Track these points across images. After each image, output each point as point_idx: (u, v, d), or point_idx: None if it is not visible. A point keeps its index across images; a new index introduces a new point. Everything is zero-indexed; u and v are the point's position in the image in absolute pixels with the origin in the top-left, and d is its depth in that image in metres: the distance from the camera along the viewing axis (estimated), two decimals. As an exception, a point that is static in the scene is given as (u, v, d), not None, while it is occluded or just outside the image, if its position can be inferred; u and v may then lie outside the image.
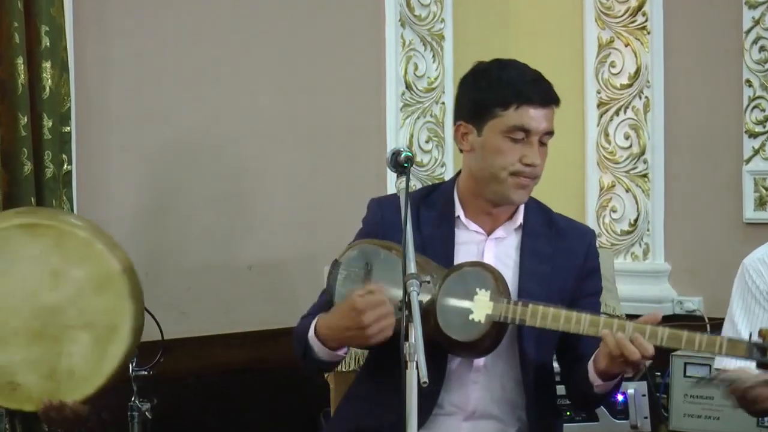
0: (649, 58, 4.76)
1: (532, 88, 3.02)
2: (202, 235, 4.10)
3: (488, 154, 2.98)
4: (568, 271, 3.06)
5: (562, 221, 3.16)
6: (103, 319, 2.99)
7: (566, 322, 2.85)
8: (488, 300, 2.87)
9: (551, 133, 3.04)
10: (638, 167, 4.80)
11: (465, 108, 3.06)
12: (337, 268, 2.95)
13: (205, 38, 4.13)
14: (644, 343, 2.78)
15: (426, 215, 3.06)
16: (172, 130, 4.05)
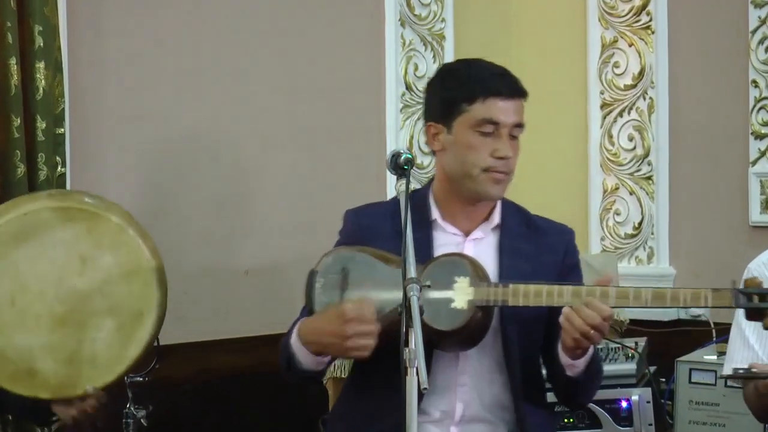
0: (653, 59, 4.75)
1: (497, 81, 3.06)
2: (199, 238, 4.10)
3: (459, 151, 3.01)
4: (549, 268, 3.07)
5: (540, 221, 3.19)
6: (129, 306, 3.00)
7: (549, 296, 2.88)
8: (468, 286, 2.90)
9: (521, 125, 3.08)
10: (642, 169, 4.80)
11: (434, 108, 3.10)
12: (314, 277, 2.99)
13: (203, 38, 4.13)
14: (599, 305, 2.81)
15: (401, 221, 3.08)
16: (168, 132, 4.04)
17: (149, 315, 3.01)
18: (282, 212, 4.29)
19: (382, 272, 2.95)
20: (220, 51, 4.15)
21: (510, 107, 3.04)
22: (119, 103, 3.93)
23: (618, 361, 4.11)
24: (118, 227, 3.02)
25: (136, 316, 3.00)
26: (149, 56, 4.00)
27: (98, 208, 3.04)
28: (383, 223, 3.07)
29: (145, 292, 3.01)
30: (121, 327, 2.99)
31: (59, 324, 2.96)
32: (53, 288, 2.97)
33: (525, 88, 3.10)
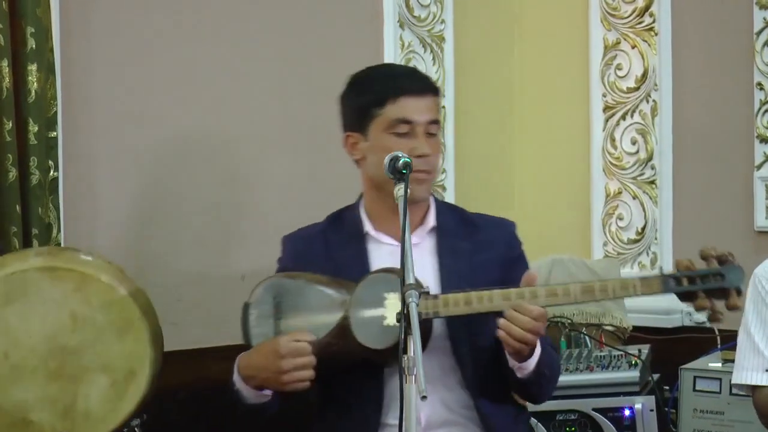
0: (656, 61, 4.75)
1: (405, 80, 3.10)
2: (193, 244, 4.09)
3: (378, 156, 3.03)
4: (491, 263, 3.10)
5: (476, 217, 3.23)
6: (122, 364, 3.08)
7: (479, 302, 2.91)
8: (398, 301, 2.89)
9: (436, 122, 3.11)
10: (645, 173, 4.79)
11: (348, 118, 3.16)
12: (247, 309, 3.06)
13: (199, 39, 4.12)
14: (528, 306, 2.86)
15: (334, 239, 3.15)
16: (163, 135, 4.04)
17: (142, 373, 3.09)
18: (280, 216, 4.27)
19: (314, 296, 3.00)
20: (215, 52, 4.14)
21: (422, 105, 3.07)
22: (113, 105, 3.92)
23: (621, 369, 4.10)
24: (108, 287, 3.08)
25: (128, 375, 3.08)
26: (144, 58, 4.00)
27: (87, 267, 3.10)
28: (315, 246, 3.14)
29: (137, 351, 3.09)
30: (115, 383, 3.07)
31: (54, 378, 3.03)
32: (45, 344, 3.04)
33: (436, 85, 3.15)
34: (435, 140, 3.10)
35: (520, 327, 2.84)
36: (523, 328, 2.84)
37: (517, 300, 2.89)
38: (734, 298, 2.94)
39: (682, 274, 2.93)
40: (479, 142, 4.94)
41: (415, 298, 2.58)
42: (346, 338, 2.95)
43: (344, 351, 2.96)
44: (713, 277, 2.93)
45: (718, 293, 2.95)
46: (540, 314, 2.86)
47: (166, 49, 4.05)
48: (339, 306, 2.97)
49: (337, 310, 2.97)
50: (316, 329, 2.95)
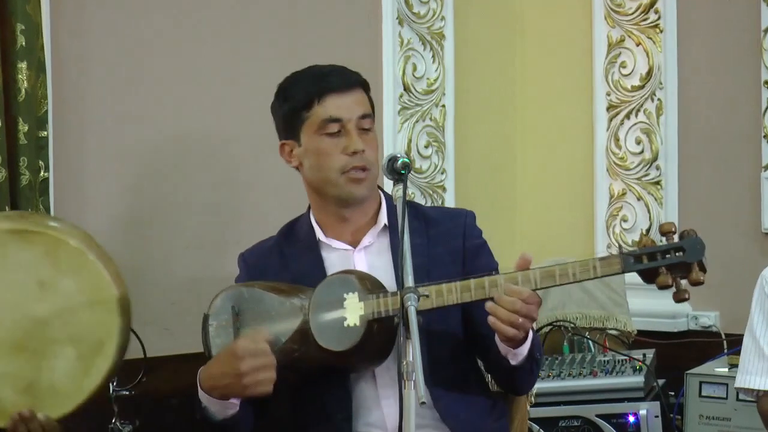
0: (661, 58, 4.75)
1: (327, 78, 3.12)
2: (188, 247, 4.09)
3: (313, 160, 3.09)
4: (448, 256, 3.11)
5: (432, 211, 3.24)
6: (89, 334, 2.98)
7: (438, 297, 2.91)
8: (358, 301, 2.93)
9: (368, 116, 3.12)
10: (650, 174, 4.79)
11: (279, 127, 3.21)
12: (206, 321, 3.09)
13: (194, 37, 4.12)
14: (516, 288, 2.84)
15: (290, 252, 3.17)
16: (157, 135, 4.04)
17: (110, 344, 2.99)
18: (276, 219, 4.25)
19: (272, 303, 3.02)
20: (211, 51, 4.14)
21: (348, 100, 3.09)
22: (105, 105, 3.92)
23: (625, 374, 4.11)
24: (78, 251, 2.99)
25: (96, 345, 2.98)
26: (137, 56, 3.99)
27: (57, 231, 3.01)
28: (270, 260, 3.16)
29: (106, 320, 2.98)
30: (81, 357, 2.97)
31: (17, 351, 2.94)
32: (10, 314, 2.94)
33: (363, 79, 3.16)
34: (369, 135, 3.10)
35: (508, 308, 2.83)
36: (513, 310, 2.83)
37: (478, 289, 2.89)
38: (696, 272, 2.90)
39: (641, 251, 2.89)
40: (480, 141, 4.94)
41: (413, 301, 2.58)
42: (307, 343, 2.96)
43: (307, 356, 2.97)
44: (674, 251, 2.89)
45: (680, 269, 2.91)
46: (530, 296, 2.84)
47: (161, 48, 4.04)
48: (298, 311, 2.99)
49: (297, 315, 2.98)
50: (277, 336, 2.96)
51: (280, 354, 2.92)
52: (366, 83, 3.18)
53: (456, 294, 2.91)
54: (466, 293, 2.91)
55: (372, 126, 3.13)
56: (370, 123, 3.12)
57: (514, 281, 2.88)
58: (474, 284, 2.91)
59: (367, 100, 3.15)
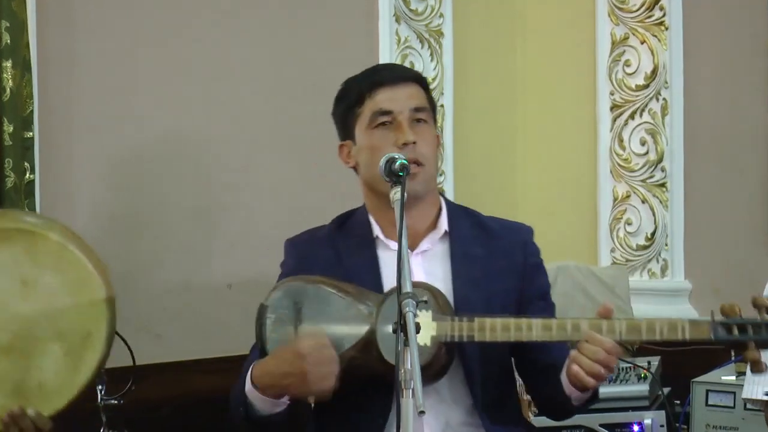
0: (667, 57, 4.76)
1: (377, 74, 3.13)
2: (178, 251, 4.09)
3: (366, 156, 3.08)
4: (507, 271, 3.09)
5: (492, 222, 3.21)
6: (76, 328, 3.00)
7: (517, 331, 2.89)
8: (431, 320, 2.90)
9: (422, 109, 3.10)
10: (655, 176, 4.80)
11: (339, 128, 3.20)
12: (264, 312, 3.02)
13: (183, 35, 4.12)
14: (599, 338, 2.83)
15: (344, 245, 3.14)
16: (146, 136, 4.03)
17: (97, 336, 3.01)
18: (269, 222, 4.28)
19: (338, 306, 2.98)
20: (201, 49, 4.14)
21: (400, 93, 3.08)
22: (93, 105, 3.92)
23: (629, 382, 4.11)
24: (58, 245, 3.02)
25: (84, 338, 3.00)
26: (126, 55, 3.99)
27: (35, 227, 3.04)
28: (322, 251, 3.13)
29: (92, 312, 3.01)
30: (69, 352, 3.00)
31: (4, 354, 2.97)
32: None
33: (418, 74, 3.19)
34: (424, 128, 3.08)
35: (591, 358, 2.83)
36: (594, 360, 2.82)
37: (559, 330, 2.88)
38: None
39: (732, 321, 2.88)
40: (480, 142, 4.95)
41: (412, 307, 2.57)
42: (369, 353, 2.93)
43: (365, 366, 2.95)
44: (766, 328, 2.88)
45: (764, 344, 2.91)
46: (612, 347, 2.83)
47: (150, 46, 4.04)
48: (365, 319, 2.95)
49: (364, 322, 2.95)
50: (339, 340, 2.93)
51: (340, 359, 2.90)
52: (422, 78, 3.17)
53: (536, 331, 2.89)
54: (546, 332, 2.89)
55: (429, 120, 3.10)
56: (426, 116, 3.09)
57: (598, 329, 2.86)
58: (556, 325, 2.89)
59: (423, 95, 3.13)
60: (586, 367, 2.84)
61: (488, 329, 2.89)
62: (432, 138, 3.09)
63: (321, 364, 2.86)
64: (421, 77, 3.18)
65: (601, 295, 4.48)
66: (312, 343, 2.87)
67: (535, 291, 3.12)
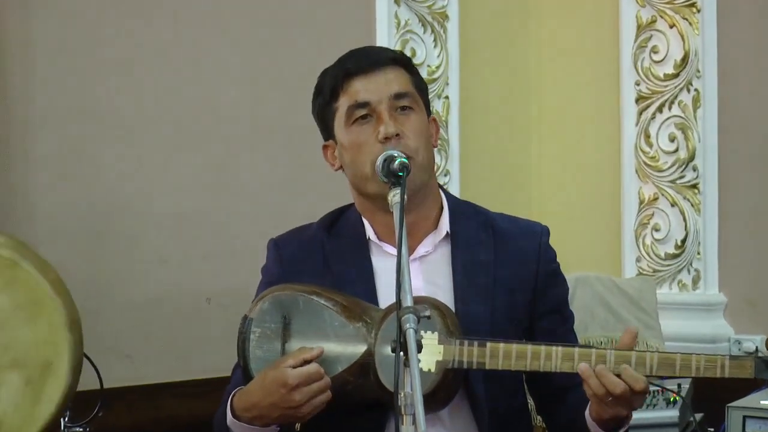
0: (699, 42, 4.77)
1: (347, 63, 3.10)
2: (150, 261, 4.12)
3: (349, 155, 3.07)
4: (517, 281, 3.09)
5: (504, 221, 3.19)
6: (33, 356, 3.02)
7: (534, 360, 2.89)
8: (437, 343, 2.90)
9: (404, 95, 3.07)
10: (686, 176, 4.81)
11: (319, 128, 3.19)
12: (247, 326, 3.01)
13: (154, 21, 4.15)
14: (633, 374, 2.82)
15: (333, 249, 3.13)
16: (112, 134, 4.06)
17: (60, 364, 3.02)
18: (252, 229, 4.29)
19: (332, 322, 2.98)
20: (174, 36, 4.18)
21: (376, 81, 3.06)
22: (55, 100, 3.95)
23: (657, 407, 4.12)
24: (9, 262, 3.02)
25: (44, 367, 3.01)
26: (93, 44, 4.04)
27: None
28: (310, 253, 3.13)
29: (51, 337, 3.02)
30: (29, 382, 3.01)
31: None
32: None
33: (396, 54, 3.15)
34: (410, 116, 3.06)
35: (612, 390, 2.81)
36: (614, 393, 2.81)
37: (583, 360, 2.87)
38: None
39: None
40: (489, 139, 4.97)
41: (413, 323, 2.57)
42: (366, 377, 2.94)
43: (360, 390, 2.96)
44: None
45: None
46: (643, 388, 2.84)
47: (117, 33, 4.08)
48: (362, 339, 2.95)
49: (360, 343, 2.95)
50: (332, 361, 2.94)
51: (335, 383, 2.91)
52: (401, 58, 3.14)
53: (556, 361, 2.89)
54: (567, 363, 2.89)
55: (416, 105, 3.08)
56: (411, 102, 3.07)
57: (626, 360, 2.85)
58: (578, 354, 2.89)
59: (406, 77, 3.11)
60: (608, 405, 2.84)
61: (501, 356, 2.89)
62: (420, 126, 3.06)
63: (312, 395, 2.87)
64: (401, 57, 3.15)
65: (624, 310, 4.50)
66: (300, 371, 2.87)
67: (550, 303, 3.12)
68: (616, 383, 2.81)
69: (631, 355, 2.86)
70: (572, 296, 4.49)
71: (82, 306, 3.68)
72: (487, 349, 2.89)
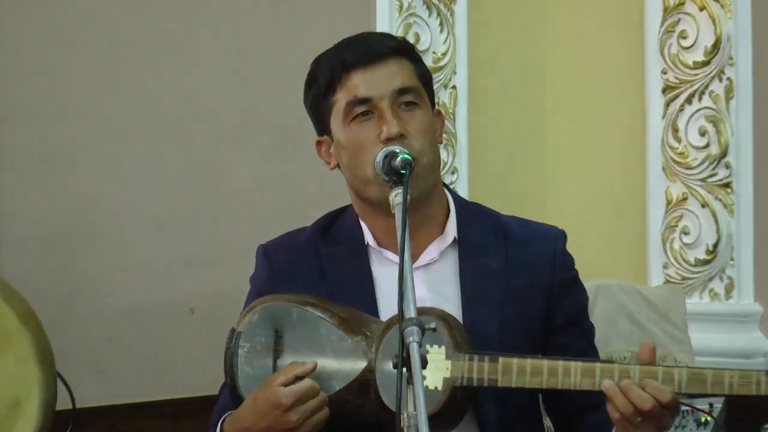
0: (732, 27, 4.78)
1: (345, 54, 3.07)
2: (127, 269, 4.12)
3: (348, 155, 3.05)
4: (530, 291, 3.08)
5: (516, 225, 3.18)
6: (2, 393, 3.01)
7: (551, 377, 2.88)
8: (444, 358, 2.89)
9: (410, 89, 3.06)
10: (718, 174, 4.82)
11: (312, 121, 3.17)
12: (235, 340, 3.00)
13: (132, 8, 4.14)
14: (658, 385, 2.81)
15: (329, 255, 3.12)
16: (85, 129, 4.07)
17: (30, 402, 3.02)
18: (239, 233, 4.30)
19: (329, 335, 2.97)
20: (155, 24, 4.19)
21: (377, 75, 3.05)
22: (25, 95, 3.95)
23: (687, 429, 4.12)
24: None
25: (12, 405, 3.00)
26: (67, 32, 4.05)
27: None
28: (303, 260, 3.13)
29: (19, 373, 3.01)
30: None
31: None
32: None
33: (400, 44, 3.13)
34: (415, 113, 3.05)
35: (640, 407, 2.79)
36: (642, 409, 2.79)
37: (604, 377, 2.85)
38: None
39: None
40: (501, 132, 4.98)
41: (416, 336, 2.57)
42: (366, 396, 2.92)
43: (360, 410, 2.95)
44: None
45: None
46: (671, 401, 2.81)
47: (94, 21, 4.08)
48: (362, 354, 2.94)
49: (360, 359, 2.94)
50: (328, 379, 2.93)
51: (333, 402, 2.90)
52: (405, 47, 3.12)
53: (576, 378, 2.87)
54: (588, 379, 2.87)
55: (421, 100, 3.05)
56: (416, 97, 3.05)
57: (652, 375, 2.83)
58: (600, 370, 2.87)
59: (410, 69, 3.09)
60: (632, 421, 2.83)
61: (515, 373, 2.88)
62: (425, 124, 3.05)
63: (309, 414, 2.87)
64: (404, 45, 3.14)
65: (650, 322, 4.50)
66: (295, 390, 2.86)
67: (567, 315, 3.10)
68: (645, 398, 2.78)
69: (658, 370, 2.84)
70: (592, 307, 4.49)
71: (52, 317, 3.69)
72: (499, 365, 2.87)
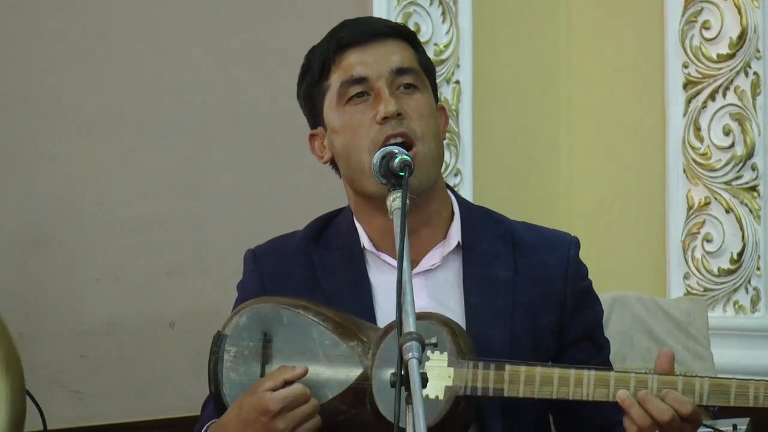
0: (759, 18, 4.78)
1: (341, 34, 3.08)
2: (103, 279, 4.11)
3: (342, 140, 3.04)
4: (541, 302, 3.08)
5: (526, 231, 3.18)
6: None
7: (562, 386, 2.88)
8: (446, 366, 2.90)
9: (410, 70, 3.06)
10: (744, 176, 4.82)
11: (305, 114, 3.17)
12: (221, 344, 3.01)
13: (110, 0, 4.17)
14: (678, 396, 2.82)
15: (322, 261, 3.12)
16: (58, 128, 4.07)
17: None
18: (225, 238, 4.30)
19: (321, 340, 2.98)
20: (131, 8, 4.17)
21: (374, 53, 3.05)
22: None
23: (709, 452, 4.13)
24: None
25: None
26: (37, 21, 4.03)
27: None
28: (296, 268, 3.13)
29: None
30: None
31: None
32: None
33: (398, 26, 3.14)
34: (415, 95, 3.04)
35: (658, 417, 2.81)
36: (661, 420, 2.80)
37: (619, 387, 2.86)
38: None
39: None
40: (509, 132, 4.98)
41: (416, 352, 2.58)
42: (361, 406, 2.92)
43: (355, 421, 2.95)
44: None
45: None
46: (691, 413, 2.83)
47: (68, 12, 4.08)
48: (357, 361, 2.94)
49: (355, 366, 2.94)
50: (321, 387, 2.93)
51: (325, 412, 2.90)
52: (406, 31, 3.13)
53: (588, 388, 2.88)
54: (601, 390, 2.88)
55: (422, 85, 3.06)
56: (416, 79, 3.06)
57: (671, 385, 2.85)
58: (615, 380, 2.88)
59: (411, 52, 3.10)
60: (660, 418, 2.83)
61: (523, 382, 2.88)
62: (427, 108, 3.05)
63: (299, 421, 2.86)
64: (404, 29, 3.15)
65: (670, 337, 4.50)
66: (284, 394, 2.85)
67: (580, 328, 3.11)
68: (665, 409, 2.80)
69: (677, 380, 2.85)
70: (607, 320, 4.49)
71: (22, 332, 3.69)
72: (505, 373, 2.88)
